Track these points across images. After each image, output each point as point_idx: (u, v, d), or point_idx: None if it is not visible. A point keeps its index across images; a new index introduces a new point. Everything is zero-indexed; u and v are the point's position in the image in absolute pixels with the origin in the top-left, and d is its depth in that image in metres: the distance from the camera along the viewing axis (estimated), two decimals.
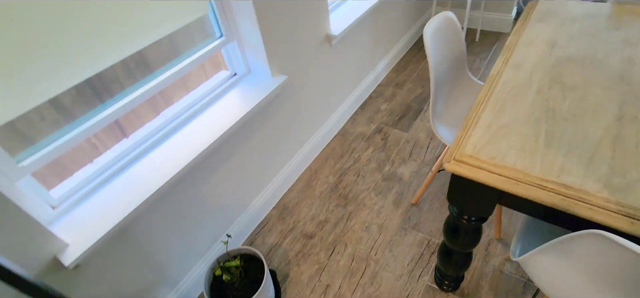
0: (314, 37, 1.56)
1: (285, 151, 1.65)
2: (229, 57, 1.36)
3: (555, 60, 0.99)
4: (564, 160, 0.74)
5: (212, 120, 1.24)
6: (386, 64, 2.35)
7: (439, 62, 1.22)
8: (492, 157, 0.77)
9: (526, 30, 1.13)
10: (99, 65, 0.92)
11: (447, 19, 1.21)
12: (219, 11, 1.21)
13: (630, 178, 0.68)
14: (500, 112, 0.87)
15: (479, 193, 0.82)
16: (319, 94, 1.74)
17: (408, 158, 1.80)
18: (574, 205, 0.67)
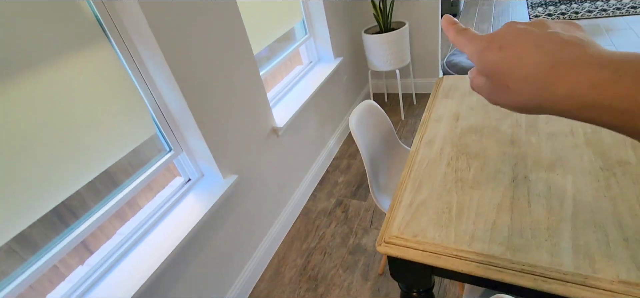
0: (260, 133, 1.69)
1: (250, 243, 1.69)
2: (181, 166, 1.44)
3: (460, 132, 1.16)
4: (473, 227, 0.85)
5: (169, 229, 1.29)
6: (337, 139, 2.53)
7: (370, 142, 1.36)
8: (414, 235, 0.87)
9: (435, 106, 1.32)
10: (52, 200, 0.97)
11: (368, 106, 1.39)
12: (165, 129, 1.32)
13: (527, 237, 0.79)
14: (418, 189, 0.99)
15: (413, 268, 0.90)
16: (275, 182, 1.84)
17: (369, 227, 1.88)
18: (486, 270, 0.77)
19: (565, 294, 0.69)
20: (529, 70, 0.24)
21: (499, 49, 0.26)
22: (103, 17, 1.06)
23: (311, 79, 2.18)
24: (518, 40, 0.25)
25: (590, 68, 0.21)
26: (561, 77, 0.22)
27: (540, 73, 0.23)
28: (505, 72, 0.25)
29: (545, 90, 0.23)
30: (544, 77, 0.23)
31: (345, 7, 2.55)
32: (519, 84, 0.25)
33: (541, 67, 0.23)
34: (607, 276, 0.68)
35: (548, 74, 0.23)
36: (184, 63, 1.23)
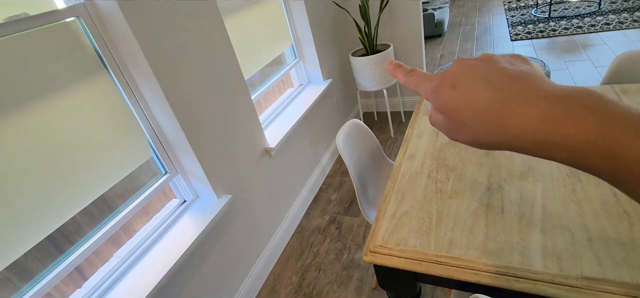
0: (253, 154, 1.75)
1: (246, 262, 1.72)
2: (176, 188, 1.49)
3: (439, 146, 1.23)
4: (452, 234, 0.91)
5: (165, 251, 1.32)
6: (330, 157, 2.60)
7: (358, 159, 1.43)
8: (397, 243, 0.92)
9: (417, 122, 1.40)
10: (50, 225, 1.01)
11: (354, 125, 1.46)
12: (161, 152, 1.37)
13: (500, 241, 0.85)
14: (401, 201, 1.05)
15: (398, 276, 0.95)
16: (269, 202, 1.89)
17: (362, 242, 1.92)
18: (463, 273, 0.82)
19: (535, 292, 0.75)
20: (481, 108, 0.24)
21: (451, 88, 0.26)
22: (102, 49, 1.13)
23: (302, 101, 2.27)
24: (468, 78, 0.25)
25: (541, 103, 0.21)
26: (513, 113, 0.22)
27: (492, 110, 0.23)
28: (460, 110, 0.25)
29: (499, 127, 0.23)
30: (496, 115, 0.23)
31: (332, 32, 2.67)
32: (474, 122, 0.24)
33: (493, 105, 0.23)
34: (572, 273, 0.74)
35: (500, 110, 0.23)
36: (178, 89, 1.30)
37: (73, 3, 1.06)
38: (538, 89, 0.22)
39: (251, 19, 1.90)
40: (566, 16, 4.35)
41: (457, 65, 0.27)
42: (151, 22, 1.19)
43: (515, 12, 5.05)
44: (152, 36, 1.19)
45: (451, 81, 0.26)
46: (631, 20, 3.76)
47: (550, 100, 0.21)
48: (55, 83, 1.01)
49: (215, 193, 1.49)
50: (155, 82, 1.21)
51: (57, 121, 1.02)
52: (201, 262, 1.46)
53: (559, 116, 0.20)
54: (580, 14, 4.29)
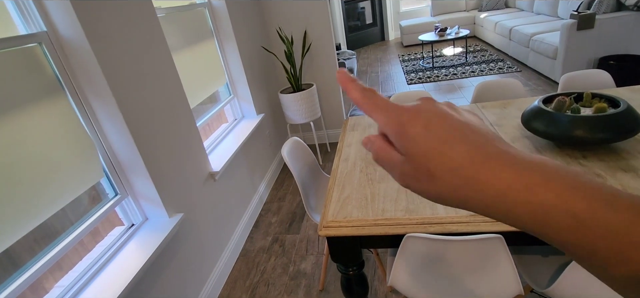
0: (200, 176, 1.85)
1: (194, 286, 1.74)
2: (124, 211, 1.50)
3: (366, 151, 1.55)
4: (383, 205, 1.19)
5: (114, 275, 1.31)
6: (266, 185, 2.77)
7: (300, 170, 1.67)
8: (345, 217, 1.17)
9: (346, 137, 1.73)
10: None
11: (295, 142, 1.72)
12: (112, 174, 1.40)
13: (417, 203, 1.17)
14: (342, 189, 1.32)
15: (347, 244, 1.19)
16: (214, 225, 1.96)
17: (306, 254, 2.10)
18: (394, 229, 1.10)
19: (442, 230, 1.06)
20: (458, 162, 0.22)
21: (424, 128, 0.23)
22: (61, 74, 1.19)
23: (239, 132, 2.44)
24: (443, 125, 0.23)
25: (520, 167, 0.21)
26: (492, 174, 0.21)
27: (471, 168, 0.21)
28: (431, 157, 0.22)
29: (473, 186, 0.21)
30: (475, 173, 0.21)
31: (262, 72, 2.96)
32: (446, 175, 0.22)
33: (470, 161, 0.21)
34: (463, 214, 1.08)
35: (479, 169, 0.21)
36: (134, 113, 1.39)
37: (36, 31, 1.12)
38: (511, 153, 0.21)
39: (193, 56, 2.07)
40: (445, 66, 5.48)
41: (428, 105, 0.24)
42: (113, 52, 1.30)
43: (407, 63, 6.12)
44: (113, 64, 1.30)
45: (424, 121, 0.23)
46: (488, 69, 4.97)
47: (528, 166, 0.21)
48: (12, 103, 1.04)
49: (167, 212, 1.54)
50: (115, 105, 1.29)
51: (13, 140, 1.04)
52: (150, 287, 1.46)
53: (539, 184, 0.20)
54: (453, 65, 5.46)
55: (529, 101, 1.78)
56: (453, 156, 0.22)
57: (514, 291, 1.09)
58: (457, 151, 0.22)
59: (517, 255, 1.31)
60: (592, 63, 3.62)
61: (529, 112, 1.36)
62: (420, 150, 0.23)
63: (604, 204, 0.19)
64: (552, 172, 0.20)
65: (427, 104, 0.24)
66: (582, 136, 1.18)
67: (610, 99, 1.27)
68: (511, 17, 5.76)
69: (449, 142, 0.22)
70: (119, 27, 1.36)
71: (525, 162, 0.21)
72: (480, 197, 0.22)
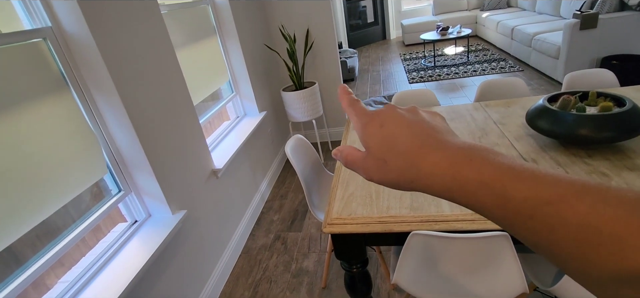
0: (202, 173, 1.85)
1: (195, 285, 1.74)
2: (127, 208, 1.50)
3: None
4: (388, 202, 1.19)
5: (118, 271, 1.31)
6: (268, 183, 2.77)
7: (303, 168, 1.67)
8: (349, 214, 1.17)
9: (350, 134, 1.72)
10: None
11: (299, 139, 1.72)
12: (116, 170, 1.40)
13: (421, 201, 1.17)
14: (346, 187, 1.31)
15: (351, 242, 1.19)
16: (216, 223, 1.96)
17: (308, 252, 2.10)
18: (399, 226, 1.10)
19: (447, 228, 1.06)
20: (402, 148, 0.27)
21: (379, 126, 0.29)
22: (66, 70, 1.19)
23: (241, 130, 2.44)
24: (395, 122, 0.29)
25: (448, 150, 0.26)
26: (426, 156, 0.26)
27: (410, 151, 0.27)
28: (383, 147, 0.28)
29: (415, 166, 0.26)
30: (413, 155, 0.26)
31: (265, 70, 2.96)
32: (394, 160, 0.27)
33: (411, 146, 0.27)
34: (468, 212, 1.08)
35: (417, 152, 0.26)
36: (138, 109, 1.39)
37: (40, 26, 1.12)
38: (447, 141, 0.27)
39: (196, 53, 2.07)
40: (446, 65, 5.47)
41: (388, 110, 0.30)
42: (117, 48, 1.30)
43: (409, 62, 6.12)
44: (118, 60, 1.29)
45: (380, 121, 0.29)
46: (489, 68, 4.96)
47: (456, 149, 0.26)
48: (18, 98, 1.04)
49: (170, 209, 1.54)
50: (119, 101, 1.29)
51: (17, 135, 1.04)
52: (153, 283, 1.46)
53: (461, 162, 0.25)
54: (455, 64, 5.45)
55: (533, 100, 1.78)
56: (399, 144, 0.28)
57: (519, 289, 1.09)
58: (402, 141, 0.28)
59: (521, 254, 1.31)
60: (595, 63, 3.62)
61: (534, 110, 1.35)
62: (375, 143, 0.29)
63: (511, 176, 0.23)
64: (476, 154, 0.25)
65: (387, 109, 0.30)
66: (587, 135, 1.18)
67: (616, 98, 1.27)
68: (513, 16, 5.75)
69: (396, 135, 0.28)
70: (123, 23, 1.36)
71: (455, 147, 0.26)
72: (420, 177, 0.26)
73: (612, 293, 0.20)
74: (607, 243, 0.19)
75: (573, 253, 0.20)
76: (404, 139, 0.28)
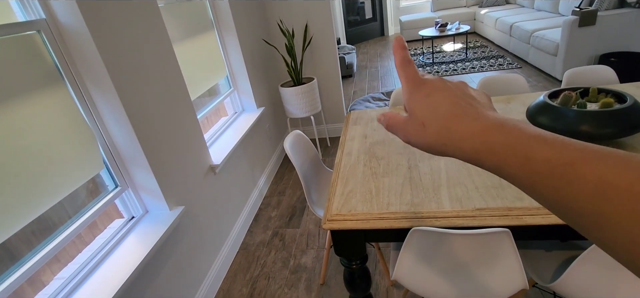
0: (200, 169, 1.83)
1: (193, 281, 1.72)
2: (124, 204, 1.48)
3: (369, 145, 1.54)
4: (388, 199, 1.18)
5: (114, 268, 1.30)
6: (265, 179, 2.75)
7: (301, 164, 1.65)
8: (349, 210, 1.16)
9: (349, 131, 1.71)
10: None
11: (297, 135, 1.70)
12: (112, 166, 1.38)
13: (422, 197, 1.16)
14: (346, 183, 1.30)
15: (351, 238, 1.18)
16: (214, 219, 1.95)
17: (306, 248, 2.09)
18: (400, 223, 1.09)
19: (448, 224, 1.05)
20: (441, 114, 0.30)
21: (426, 95, 0.31)
22: (60, 63, 1.17)
23: (239, 126, 2.42)
24: (441, 93, 0.31)
25: (483, 120, 0.28)
26: (462, 122, 0.29)
27: (448, 117, 0.29)
28: (425, 112, 0.31)
29: (449, 130, 0.29)
30: (450, 121, 0.29)
31: (263, 65, 2.94)
32: (433, 124, 0.30)
33: (449, 115, 0.30)
34: (469, 208, 1.07)
35: (454, 119, 0.29)
36: (135, 103, 1.37)
37: (35, 18, 1.10)
38: (485, 112, 0.29)
39: (194, 48, 2.04)
40: (445, 61, 5.46)
41: (436, 81, 0.33)
42: (113, 42, 1.27)
43: None
44: (114, 54, 1.27)
45: (427, 91, 0.32)
46: (488, 65, 4.95)
47: (491, 118, 0.28)
48: (12, 92, 1.02)
49: (168, 205, 1.52)
50: (116, 95, 1.27)
51: (11, 129, 1.02)
52: (151, 279, 1.45)
53: (493, 128, 0.27)
54: (454, 61, 5.44)
55: (533, 96, 1.77)
56: (439, 111, 0.30)
57: (519, 285, 1.09)
58: (443, 108, 0.30)
59: (521, 250, 1.31)
60: (593, 60, 3.62)
61: (535, 106, 1.34)
62: (419, 108, 0.32)
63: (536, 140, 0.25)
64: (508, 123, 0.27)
65: (436, 80, 0.33)
66: (588, 131, 1.17)
67: (617, 94, 1.26)
68: (512, 13, 5.74)
69: (439, 103, 0.31)
70: (119, 16, 1.34)
71: (490, 117, 0.28)
72: (453, 140, 0.29)
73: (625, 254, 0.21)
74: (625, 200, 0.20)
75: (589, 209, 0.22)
76: (446, 107, 0.30)
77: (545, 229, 1.04)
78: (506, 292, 1.11)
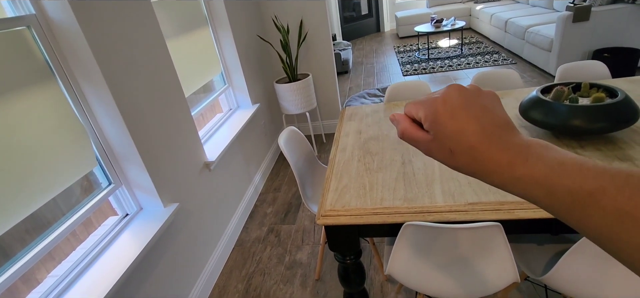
0: (195, 166, 1.83)
1: (189, 277, 1.72)
2: (118, 201, 1.47)
3: (363, 141, 1.55)
4: (382, 194, 1.19)
5: (109, 264, 1.29)
6: (261, 176, 2.75)
7: (296, 160, 1.66)
8: (343, 206, 1.16)
9: (343, 126, 1.71)
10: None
11: (292, 131, 1.70)
12: (105, 163, 1.38)
13: (415, 192, 1.17)
14: (340, 179, 1.31)
15: (345, 233, 1.18)
16: (209, 215, 1.94)
17: (302, 244, 2.10)
18: (393, 218, 1.10)
19: (441, 219, 1.06)
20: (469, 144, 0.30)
21: (450, 118, 0.31)
22: (51, 59, 1.15)
23: (234, 122, 2.41)
24: (464, 114, 0.30)
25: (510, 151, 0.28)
26: (491, 156, 0.29)
27: (476, 149, 0.29)
28: (452, 140, 0.30)
29: (479, 163, 0.29)
30: (478, 153, 0.29)
31: (257, 62, 2.93)
32: (461, 154, 0.30)
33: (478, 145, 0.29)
34: (461, 202, 1.08)
35: (482, 151, 0.29)
36: (127, 100, 1.36)
37: (24, 13, 1.08)
38: (509, 140, 0.29)
39: (188, 44, 2.03)
40: (440, 57, 5.47)
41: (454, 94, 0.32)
42: (105, 38, 1.26)
43: (403, 55, 6.10)
44: (106, 50, 1.26)
45: (450, 111, 0.31)
46: (483, 61, 4.97)
47: (516, 149, 0.28)
48: (2, 88, 1.01)
49: (162, 202, 1.52)
50: (108, 91, 1.26)
51: (3, 125, 1.01)
52: (145, 276, 1.44)
53: (519, 162, 0.28)
54: (449, 56, 5.45)
55: (526, 91, 1.78)
56: (466, 140, 0.30)
57: (510, 278, 1.10)
58: (470, 137, 0.30)
59: (512, 243, 1.32)
60: (587, 55, 3.64)
61: (527, 101, 1.35)
62: (446, 134, 0.31)
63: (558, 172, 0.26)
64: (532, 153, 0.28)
65: (453, 92, 0.32)
66: (579, 126, 1.18)
67: (608, 89, 1.27)
68: (507, 9, 5.75)
69: (464, 130, 0.30)
70: (111, 11, 1.32)
71: (515, 147, 0.29)
72: (481, 171, 0.30)
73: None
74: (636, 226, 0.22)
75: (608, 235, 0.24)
76: (472, 136, 0.30)
77: (537, 223, 1.05)
78: (498, 286, 1.13)
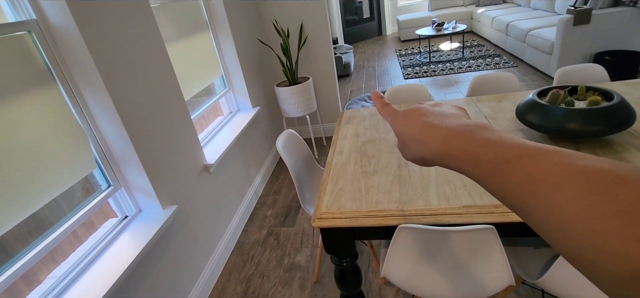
0: (194, 169, 1.84)
1: (188, 279, 1.73)
2: (117, 203, 1.49)
3: (360, 144, 1.55)
4: (377, 197, 1.19)
5: (108, 266, 1.31)
6: (261, 179, 2.76)
7: (294, 163, 1.66)
8: (338, 208, 1.17)
9: (341, 129, 1.72)
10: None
11: (290, 134, 1.71)
12: (105, 165, 1.39)
13: (410, 195, 1.17)
14: (337, 181, 1.31)
15: (340, 236, 1.19)
16: (209, 218, 1.95)
17: (301, 247, 2.10)
18: (388, 220, 1.10)
19: (435, 222, 1.06)
20: (415, 133, 0.36)
21: (403, 118, 0.38)
22: (51, 63, 1.17)
23: (234, 125, 2.43)
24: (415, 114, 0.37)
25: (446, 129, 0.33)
26: (429, 134, 0.34)
27: (419, 134, 0.35)
28: (406, 137, 0.37)
29: (421, 144, 0.34)
30: (420, 136, 0.35)
31: (258, 65, 2.95)
32: (411, 144, 0.36)
33: (421, 129, 0.35)
34: (456, 205, 1.09)
35: (423, 132, 0.34)
36: (126, 103, 1.38)
37: (25, 18, 1.10)
38: (447, 123, 0.34)
39: (188, 48, 2.05)
40: (441, 61, 5.47)
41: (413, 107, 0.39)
42: (105, 42, 1.28)
43: (405, 58, 6.11)
44: (105, 54, 1.28)
45: (405, 114, 0.38)
46: (484, 64, 4.96)
47: (451, 127, 0.33)
48: (2, 92, 1.03)
49: (161, 204, 1.53)
50: (107, 95, 1.28)
51: (3, 128, 1.02)
52: (144, 278, 1.46)
53: (452, 136, 0.32)
54: (450, 60, 5.45)
55: (524, 95, 1.78)
56: (413, 132, 0.36)
57: (505, 282, 1.10)
58: (415, 129, 0.36)
59: (509, 247, 1.32)
60: (588, 58, 3.63)
61: (524, 105, 1.36)
62: (400, 133, 0.38)
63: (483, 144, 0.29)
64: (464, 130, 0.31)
65: (413, 107, 0.39)
66: (575, 129, 1.18)
67: (604, 92, 1.28)
68: (508, 12, 5.75)
69: (412, 126, 0.36)
70: (110, 16, 1.34)
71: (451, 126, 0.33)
72: (425, 151, 0.34)
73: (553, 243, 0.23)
74: (543, 191, 0.22)
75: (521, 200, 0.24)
76: (417, 128, 0.35)
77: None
78: (493, 289, 1.13)
